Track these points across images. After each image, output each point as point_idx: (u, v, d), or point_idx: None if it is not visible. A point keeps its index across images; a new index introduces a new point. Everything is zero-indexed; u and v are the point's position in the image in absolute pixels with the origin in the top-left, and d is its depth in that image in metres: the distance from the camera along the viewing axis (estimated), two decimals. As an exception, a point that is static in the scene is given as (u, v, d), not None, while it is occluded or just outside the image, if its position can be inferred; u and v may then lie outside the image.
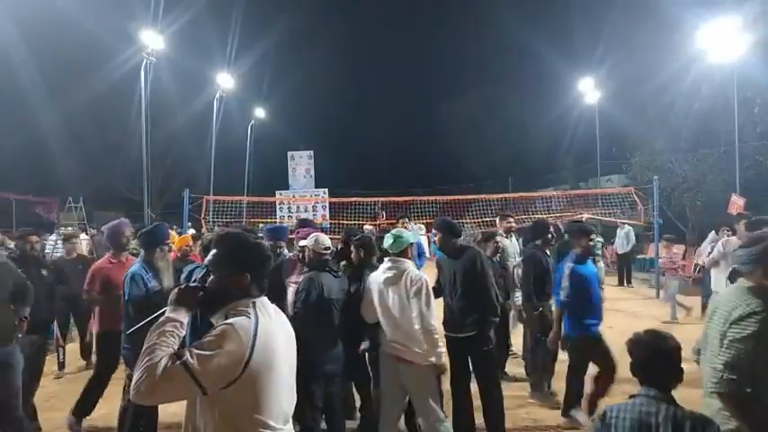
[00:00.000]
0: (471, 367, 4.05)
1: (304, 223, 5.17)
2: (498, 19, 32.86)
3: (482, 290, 3.91)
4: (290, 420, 1.82)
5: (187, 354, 1.56)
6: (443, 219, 4.53)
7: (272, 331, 1.73)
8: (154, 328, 1.67)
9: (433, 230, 4.36)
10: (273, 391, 1.71)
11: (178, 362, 1.54)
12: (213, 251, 1.85)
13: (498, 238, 5.43)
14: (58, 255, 7.88)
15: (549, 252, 5.32)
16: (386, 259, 3.73)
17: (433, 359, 3.52)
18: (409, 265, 3.67)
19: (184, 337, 1.71)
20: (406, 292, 3.52)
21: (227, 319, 1.71)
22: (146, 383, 1.52)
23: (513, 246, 6.16)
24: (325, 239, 3.86)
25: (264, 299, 1.83)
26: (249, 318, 1.70)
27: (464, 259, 3.99)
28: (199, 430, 1.68)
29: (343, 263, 4.27)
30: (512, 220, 6.56)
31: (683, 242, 15.13)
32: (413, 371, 3.55)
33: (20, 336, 3.88)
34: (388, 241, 3.69)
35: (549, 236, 5.26)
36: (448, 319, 4.07)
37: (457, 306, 3.98)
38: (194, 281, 1.84)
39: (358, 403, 4.28)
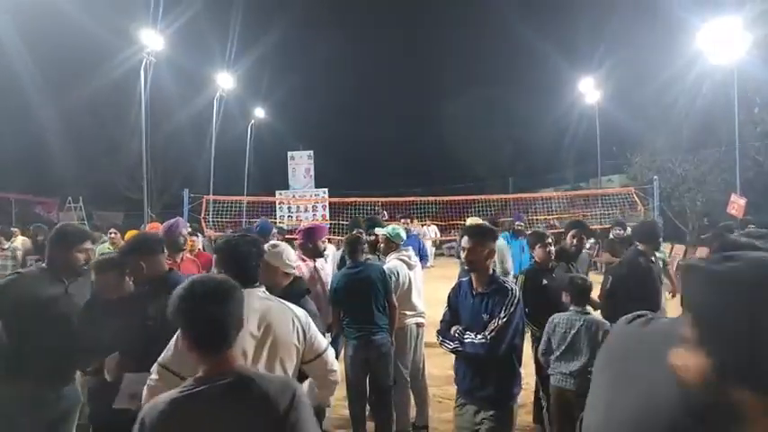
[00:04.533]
0: None
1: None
2: (498, 19, 32.89)
3: None
4: None
5: None
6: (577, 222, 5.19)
7: None
8: None
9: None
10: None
11: None
12: None
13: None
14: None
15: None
16: (400, 250, 4.37)
17: None
18: None
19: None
20: (419, 274, 4.52)
21: None
22: None
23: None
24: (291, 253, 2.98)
25: (252, 290, 2.07)
26: None
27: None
28: None
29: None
30: None
31: (683, 242, 15.12)
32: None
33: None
34: (400, 235, 4.39)
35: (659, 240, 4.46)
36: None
37: None
38: None
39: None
